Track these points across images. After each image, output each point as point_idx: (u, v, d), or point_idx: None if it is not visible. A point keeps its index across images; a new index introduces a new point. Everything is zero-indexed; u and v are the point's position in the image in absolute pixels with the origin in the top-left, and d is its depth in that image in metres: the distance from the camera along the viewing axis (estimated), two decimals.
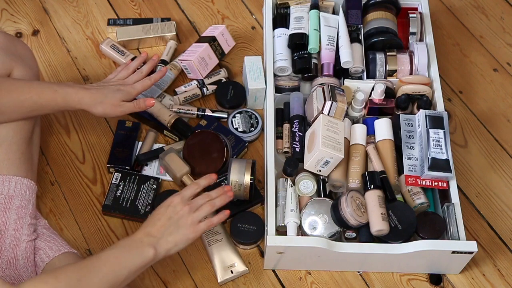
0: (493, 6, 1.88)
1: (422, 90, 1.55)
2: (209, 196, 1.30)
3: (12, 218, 1.34)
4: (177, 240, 1.24)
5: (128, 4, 1.83)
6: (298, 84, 1.62)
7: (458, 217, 1.40)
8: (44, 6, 1.81)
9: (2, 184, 1.34)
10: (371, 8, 1.64)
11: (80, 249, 1.46)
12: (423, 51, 1.59)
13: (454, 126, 1.68)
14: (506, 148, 1.66)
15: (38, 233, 1.39)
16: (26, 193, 1.37)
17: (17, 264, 1.32)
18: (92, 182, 1.56)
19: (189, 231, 1.25)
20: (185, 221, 1.25)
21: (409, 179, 1.43)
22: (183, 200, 1.28)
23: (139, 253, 1.20)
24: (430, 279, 1.47)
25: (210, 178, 1.34)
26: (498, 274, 1.49)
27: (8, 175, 1.35)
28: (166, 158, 1.52)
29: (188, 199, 1.29)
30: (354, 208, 1.37)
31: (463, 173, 1.61)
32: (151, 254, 1.21)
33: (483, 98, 1.73)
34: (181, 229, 1.25)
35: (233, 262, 1.45)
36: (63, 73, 1.70)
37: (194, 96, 1.65)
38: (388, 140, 1.49)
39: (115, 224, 1.51)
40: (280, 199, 1.46)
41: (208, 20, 1.81)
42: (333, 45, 1.60)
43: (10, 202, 1.34)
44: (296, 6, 1.67)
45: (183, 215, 1.26)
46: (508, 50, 1.81)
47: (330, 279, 1.46)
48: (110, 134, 1.62)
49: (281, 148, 1.54)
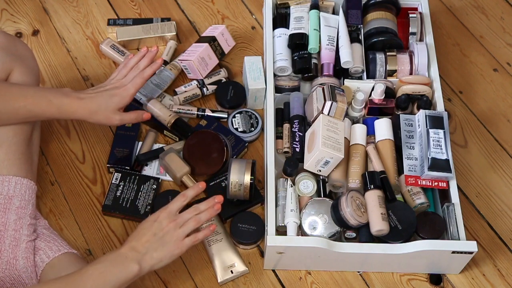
0: (493, 6, 1.88)
1: (422, 90, 1.55)
2: (196, 210, 1.30)
3: (12, 218, 1.34)
4: (162, 257, 1.24)
5: (128, 4, 1.83)
6: (298, 84, 1.62)
7: (458, 217, 1.40)
8: (44, 6, 1.81)
9: (2, 184, 1.34)
10: (371, 8, 1.64)
11: (80, 249, 1.46)
12: (423, 51, 1.59)
13: (454, 126, 1.68)
14: (506, 148, 1.66)
15: (38, 233, 1.38)
16: (26, 193, 1.37)
17: (17, 264, 1.32)
18: (92, 182, 1.56)
19: (174, 247, 1.25)
20: (170, 238, 1.25)
21: (409, 179, 1.43)
22: (170, 215, 1.27)
23: (123, 269, 1.20)
24: (430, 279, 1.47)
25: (198, 188, 1.34)
26: (498, 274, 1.49)
27: (8, 175, 1.35)
28: (166, 158, 1.52)
29: (175, 213, 1.28)
30: (354, 208, 1.37)
31: (463, 173, 1.61)
32: (135, 270, 1.21)
33: (483, 98, 1.73)
34: (166, 245, 1.25)
35: (233, 262, 1.45)
36: (63, 73, 1.70)
37: (194, 96, 1.65)
38: (388, 140, 1.49)
39: (115, 224, 1.51)
40: (280, 199, 1.46)
41: (208, 20, 1.81)
42: (333, 45, 1.60)
43: (10, 202, 1.34)
44: (296, 6, 1.67)
45: (168, 231, 1.25)
46: (508, 50, 1.81)
47: (330, 279, 1.46)
48: (110, 134, 1.62)
49: (281, 148, 1.54)
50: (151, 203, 1.49)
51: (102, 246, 1.48)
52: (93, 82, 1.69)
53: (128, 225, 1.51)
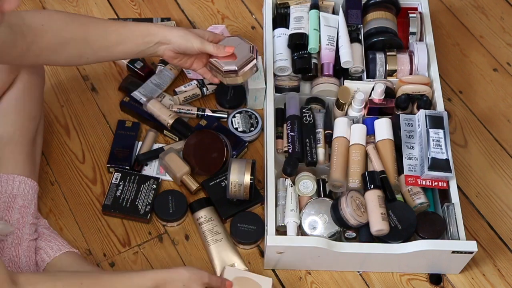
0: (493, 6, 1.88)
1: (422, 90, 1.55)
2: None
3: (14, 217, 1.35)
4: None
5: (128, 4, 1.83)
6: (298, 84, 1.62)
7: (458, 217, 1.40)
8: (44, 6, 1.81)
9: (7, 182, 1.36)
10: (371, 8, 1.64)
11: (80, 249, 1.46)
12: (423, 51, 1.59)
13: (454, 126, 1.68)
14: (506, 148, 1.66)
15: (39, 232, 1.39)
16: (29, 193, 1.38)
17: (20, 262, 1.33)
18: (92, 182, 1.56)
19: None
20: None
21: (409, 179, 1.43)
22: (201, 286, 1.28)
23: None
24: (430, 279, 1.47)
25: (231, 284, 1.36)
26: (498, 274, 1.49)
27: (13, 174, 1.37)
28: (166, 158, 1.52)
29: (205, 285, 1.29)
30: (354, 208, 1.37)
31: (463, 173, 1.61)
32: None
33: (483, 98, 1.73)
34: None
35: (233, 262, 1.45)
36: (63, 73, 1.70)
37: (194, 96, 1.65)
38: (388, 140, 1.49)
39: (115, 224, 1.51)
40: (280, 199, 1.46)
41: (208, 20, 1.81)
42: (333, 45, 1.60)
43: (13, 201, 1.35)
44: (296, 6, 1.67)
45: None
46: (508, 50, 1.81)
47: (330, 279, 1.46)
48: (110, 134, 1.62)
49: (281, 148, 1.54)
50: (151, 203, 1.49)
51: (102, 246, 1.48)
52: (93, 82, 1.69)
53: (128, 225, 1.51)
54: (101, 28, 1.34)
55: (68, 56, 1.33)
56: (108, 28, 1.35)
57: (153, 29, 1.37)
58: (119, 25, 1.37)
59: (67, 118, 1.64)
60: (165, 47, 1.39)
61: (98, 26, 1.34)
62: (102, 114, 1.65)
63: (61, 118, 1.64)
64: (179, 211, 1.49)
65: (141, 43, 1.37)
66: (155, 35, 1.37)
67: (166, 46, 1.39)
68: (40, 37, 1.27)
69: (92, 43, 1.33)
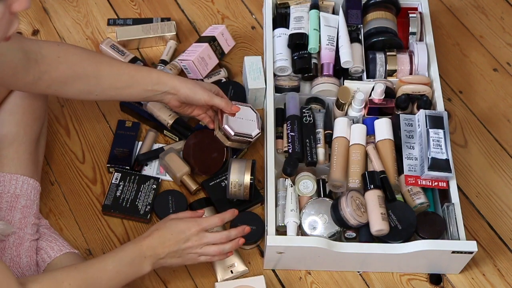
0: (493, 6, 1.88)
1: (422, 90, 1.55)
2: (227, 237, 1.32)
3: (17, 217, 1.35)
4: (174, 264, 1.31)
5: (128, 4, 1.83)
6: (298, 84, 1.62)
7: (458, 217, 1.40)
8: (44, 6, 1.81)
9: (10, 182, 1.36)
10: (371, 8, 1.64)
11: (80, 249, 1.46)
12: (423, 51, 1.59)
13: (454, 126, 1.68)
14: (506, 148, 1.66)
15: (40, 233, 1.39)
16: (32, 193, 1.38)
17: (21, 262, 1.33)
18: (92, 182, 1.56)
19: (188, 261, 1.31)
20: (190, 253, 1.30)
21: (409, 179, 1.43)
22: (200, 232, 1.30)
23: (138, 270, 1.25)
24: (430, 279, 1.47)
25: (233, 213, 1.36)
26: (498, 274, 1.49)
27: (16, 174, 1.37)
28: (166, 158, 1.52)
29: (205, 231, 1.31)
30: (354, 208, 1.37)
31: (463, 173, 1.61)
32: (148, 270, 1.27)
33: (483, 98, 1.73)
34: (183, 257, 1.30)
35: (233, 262, 1.45)
36: None
37: None
38: (388, 140, 1.49)
39: (115, 224, 1.51)
40: (280, 199, 1.46)
41: (208, 20, 1.81)
42: (333, 45, 1.60)
43: (16, 201, 1.36)
44: (296, 6, 1.67)
45: (191, 248, 1.29)
46: (508, 50, 1.81)
47: (330, 279, 1.46)
48: (110, 134, 1.62)
49: (281, 148, 1.54)
50: (151, 203, 1.49)
51: (102, 246, 1.48)
52: None
53: (128, 225, 1.51)
54: (115, 69, 1.36)
55: (78, 91, 1.36)
56: (121, 70, 1.37)
57: (164, 78, 1.40)
58: (132, 68, 1.39)
59: (67, 118, 1.64)
60: (172, 97, 1.42)
61: (112, 66, 1.37)
62: (102, 114, 1.65)
63: (61, 118, 1.64)
64: (179, 211, 1.48)
65: (150, 90, 1.40)
66: (165, 85, 1.40)
67: (173, 96, 1.41)
68: (54, 68, 1.30)
69: (103, 82, 1.36)
